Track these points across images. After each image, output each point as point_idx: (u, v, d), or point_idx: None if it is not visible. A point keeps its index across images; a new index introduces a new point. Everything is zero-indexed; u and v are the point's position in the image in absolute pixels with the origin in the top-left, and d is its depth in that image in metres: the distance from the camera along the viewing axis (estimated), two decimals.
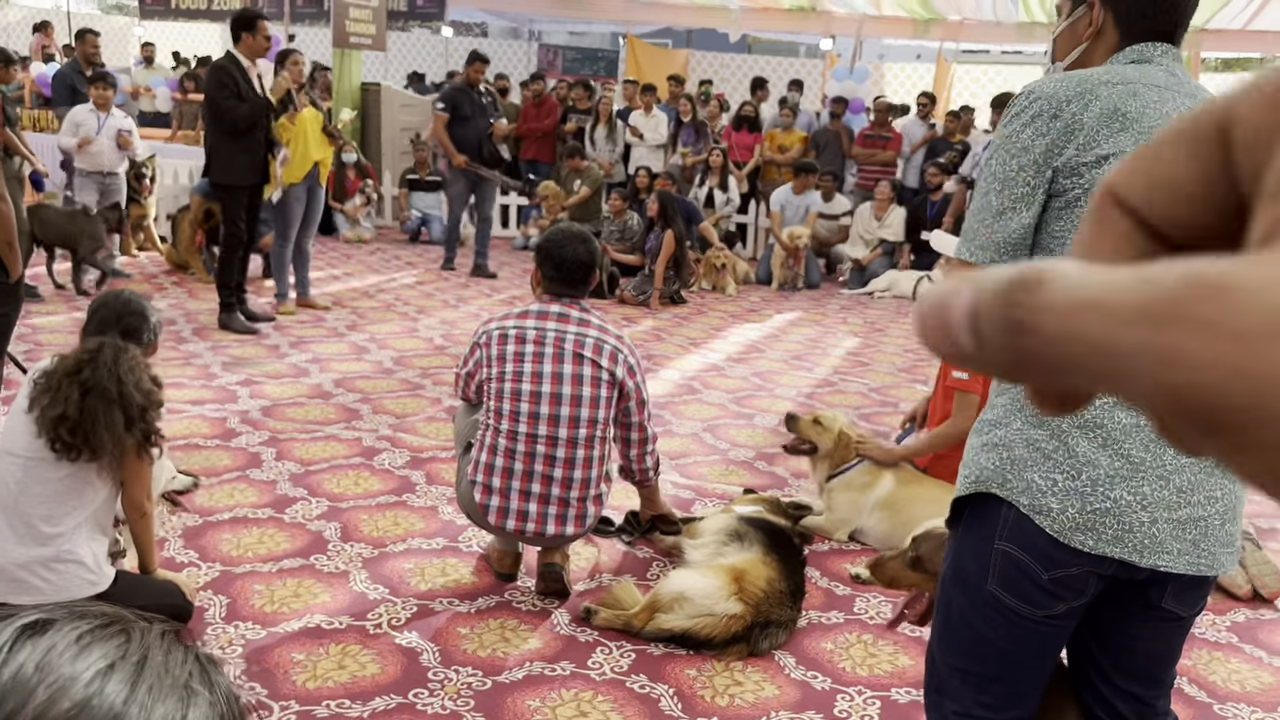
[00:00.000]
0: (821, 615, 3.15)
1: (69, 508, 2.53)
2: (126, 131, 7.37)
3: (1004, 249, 1.55)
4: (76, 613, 0.59)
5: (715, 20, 16.41)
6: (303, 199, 6.66)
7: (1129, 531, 1.51)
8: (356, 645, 2.80)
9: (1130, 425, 1.50)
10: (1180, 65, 1.62)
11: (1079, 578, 1.56)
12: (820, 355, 6.72)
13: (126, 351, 2.59)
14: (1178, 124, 0.25)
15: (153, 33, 17.23)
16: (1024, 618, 1.61)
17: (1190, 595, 1.62)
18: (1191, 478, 1.51)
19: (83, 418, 2.48)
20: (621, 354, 3.09)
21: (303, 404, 4.93)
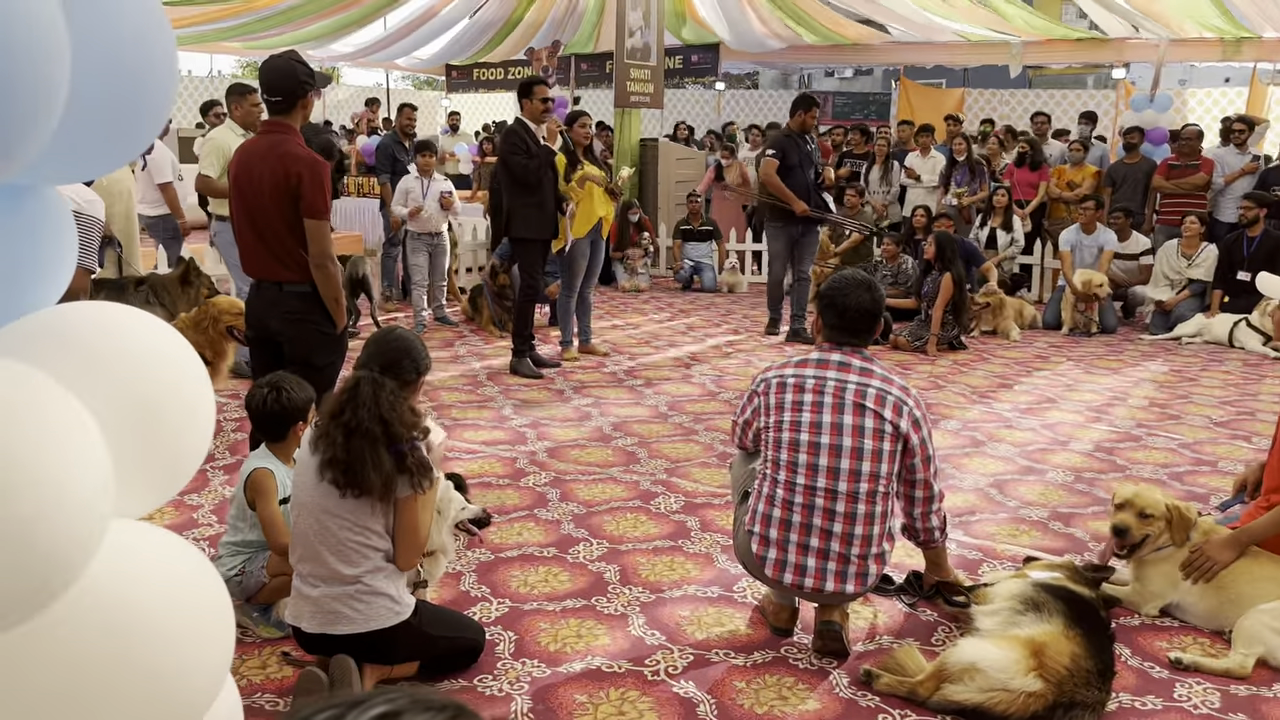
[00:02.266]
0: (1135, 699, 2.83)
1: (362, 550, 2.64)
2: (448, 193, 8.09)
3: None
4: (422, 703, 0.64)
5: (995, 56, 15.72)
6: (587, 252, 7.02)
7: None
8: (635, 691, 2.83)
9: None
10: None
11: None
12: (1120, 406, 6.15)
13: (384, 386, 2.61)
14: None
15: (458, 103, 18.92)
16: None
17: None
18: None
19: (350, 459, 2.55)
20: (906, 406, 2.96)
21: (584, 446, 5.13)
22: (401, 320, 8.66)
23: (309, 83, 3.73)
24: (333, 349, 3.92)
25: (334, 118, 18.78)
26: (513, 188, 6.57)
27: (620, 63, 10.84)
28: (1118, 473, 4.85)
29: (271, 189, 3.67)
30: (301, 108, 3.75)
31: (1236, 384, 6.85)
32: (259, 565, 3.09)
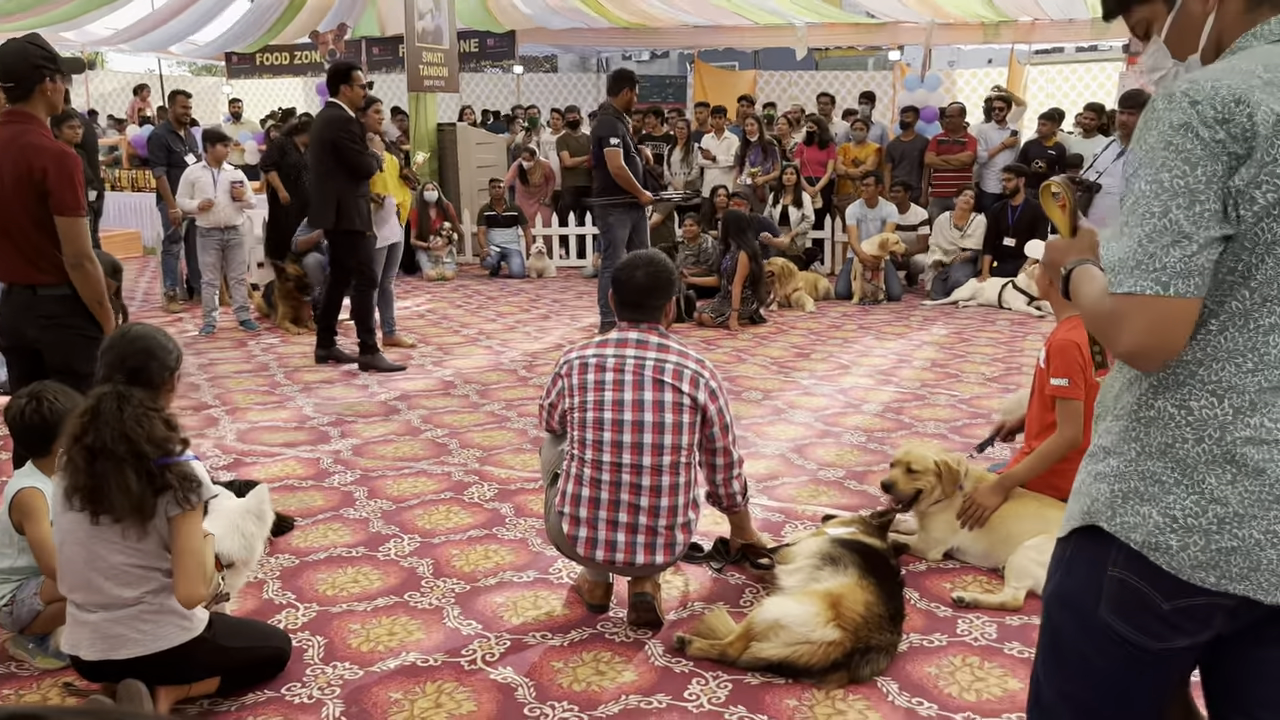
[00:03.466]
0: (923, 638, 3.05)
1: (138, 571, 2.47)
2: (239, 183, 7.64)
3: (1204, 275, 1.34)
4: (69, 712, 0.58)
5: (781, 39, 16.36)
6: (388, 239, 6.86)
7: (1256, 569, 1.39)
8: (452, 683, 2.80)
9: (1263, 460, 1.36)
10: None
11: (1202, 609, 1.44)
12: (906, 368, 6.58)
13: (129, 400, 2.41)
14: None
15: (239, 90, 17.94)
16: (1138, 648, 1.49)
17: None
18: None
19: (95, 483, 2.36)
20: (703, 378, 3.05)
21: (392, 441, 5.01)
22: (189, 322, 8.18)
23: (47, 67, 3.40)
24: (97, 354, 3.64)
25: (101, 108, 17.42)
26: (344, 178, 6.29)
27: (411, 46, 10.59)
28: (905, 430, 5.18)
29: (14, 184, 3.34)
30: (42, 94, 3.41)
31: (1005, 342, 7.45)
32: (31, 592, 2.85)
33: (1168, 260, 1.33)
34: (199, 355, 6.96)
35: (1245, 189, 1.32)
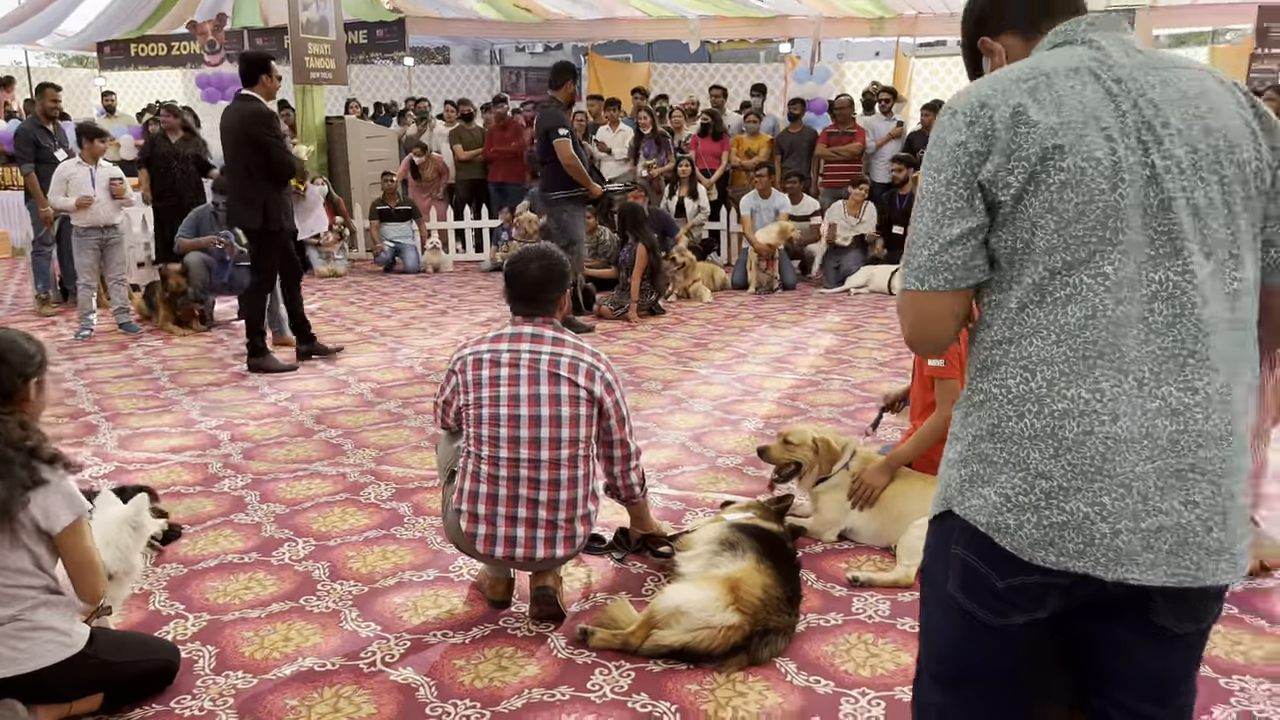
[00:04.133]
0: (820, 618, 3.12)
1: (9, 590, 2.37)
2: (118, 180, 7.29)
3: (954, 273, 1.46)
4: None
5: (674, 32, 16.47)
6: None
7: (1091, 544, 1.42)
8: (351, 686, 2.75)
9: (1082, 434, 1.40)
10: (1119, 34, 1.52)
11: (1036, 587, 1.48)
12: (802, 355, 6.71)
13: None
14: None
15: (113, 82, 17.16)
16: (982, 623, 1.56)
17: (1188, 608, 1.50)
18: (1158, 484, 1.39)
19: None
20: (598, 371, 3.06)
21: (285, 443, 4.88)
22: (64, 325, 7.81)
23: None
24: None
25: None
26: (267, 176, 6.06)
27: (296, 37, 10.29)
28: (801, 416, 5.29)
29: None
30: None
31: (895, 327, 7.62)
32: None
33: (920, 259, 1.49)
34: (75, 360, 6.65)
35: (996, 176, 1.43)
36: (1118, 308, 1.39)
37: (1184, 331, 1.39)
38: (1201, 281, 1.39)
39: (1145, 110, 1.42)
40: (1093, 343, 1.40)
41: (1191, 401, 1.39)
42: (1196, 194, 1.40)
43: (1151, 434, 1.38)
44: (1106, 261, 1.39)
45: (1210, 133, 1.42)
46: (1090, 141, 1.40)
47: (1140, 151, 1.40)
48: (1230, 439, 1.41)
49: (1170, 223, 1.39)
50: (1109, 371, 1.39)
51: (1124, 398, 1.39)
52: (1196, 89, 1.45)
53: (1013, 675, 1.62)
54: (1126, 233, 1.39)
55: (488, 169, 11.45)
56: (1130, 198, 1.39)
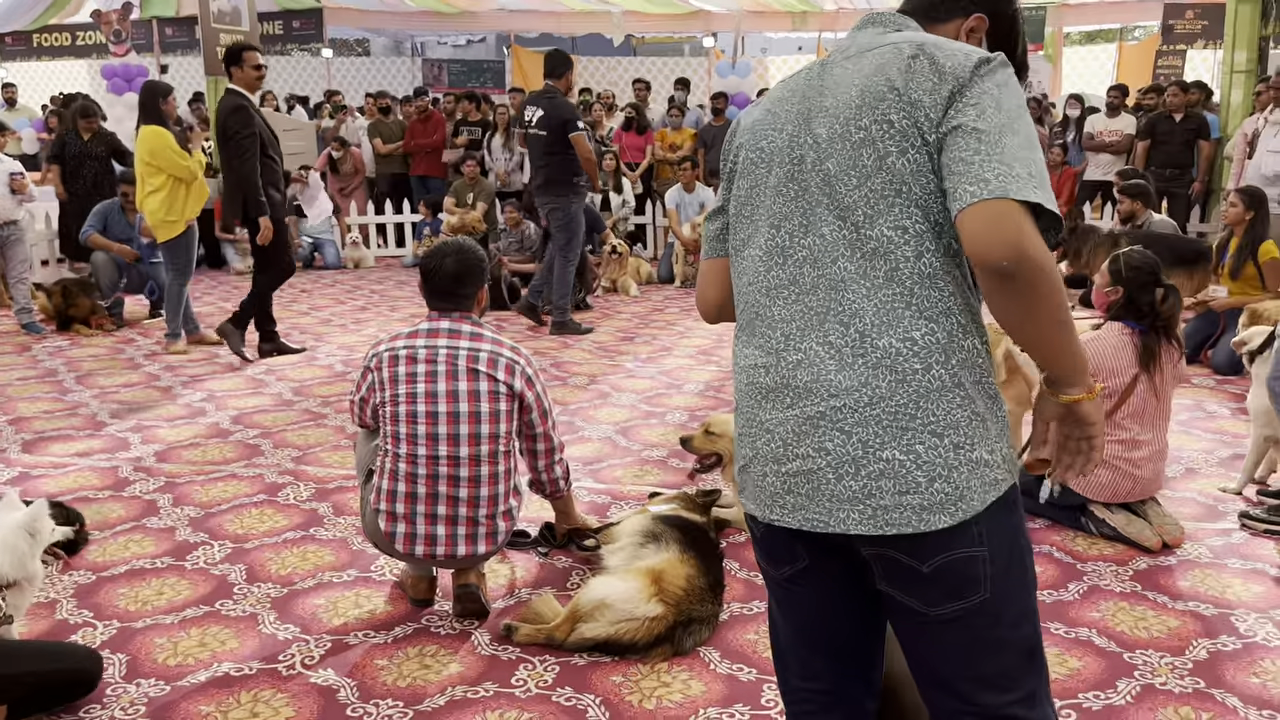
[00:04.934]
0: (743, 606, 3.16)
1: None
2: (18, 175, 7.00)
3: (709, 244, 1.75)
4: None
5: (598, 25, 16.45)
6: (197, 233, 6.54)
7: (754, 487, 1.57)
8: (269, 690, 2.70)
9: (748, 385, 1.57)
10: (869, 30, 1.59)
11: (771, 535, 1.59)
12: (726, 349, 6.76)
13: None
14: None
15: (14, 74, 16.49)
16: (770, 579, 1.68)
17: (900, 577, 1.47)
18: (795, 429, 1.48)
19: None
20: (518, 365, 3.04)
21: (200, 445, 4.75)
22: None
23: None
24: None
25: None
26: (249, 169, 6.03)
27: (207, 27, 10.02)
28: (726, 407, 5.33)
29: None
30: None
31: None
32: None
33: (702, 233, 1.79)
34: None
35: (724, 173, 1.70)
36: (769, 273, 1.54)
37: (824, 291, 1.48)
38: (832, 243, 1.47)
39: (811, 97, 1.54)
40: (753, 305, 1.57)
41: (825, 354, 1.46)
42: (828, 164, 1.48)
43: (791, 384, 1.49)
44: (760, 234, 1.56)
45: (847, 105, 1.48)
46: (761, 134, 1.58)
47: (796, 135, 1.53)
48: (868, 389, 1.43)
49: (809, 195, 1.50)
50: (763, 329, 1.54)
51: (774, 352, 1.52)
52: (871, 66, 1.48)
53: (815, 632, 1.67)
54: (774, 208, 1.54)
55: (408, 162, 11.29)
56: (779, 177, 1.54)
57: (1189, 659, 2.83)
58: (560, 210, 7.14)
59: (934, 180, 1.42)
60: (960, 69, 1.42)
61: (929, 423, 1.42)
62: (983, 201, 1.33)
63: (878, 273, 1.44)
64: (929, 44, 1.47)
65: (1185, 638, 2.94)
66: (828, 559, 1.57)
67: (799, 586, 1.63)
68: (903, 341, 1.42)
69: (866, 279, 1.45)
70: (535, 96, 7.15)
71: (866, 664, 1.70)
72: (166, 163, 6.25)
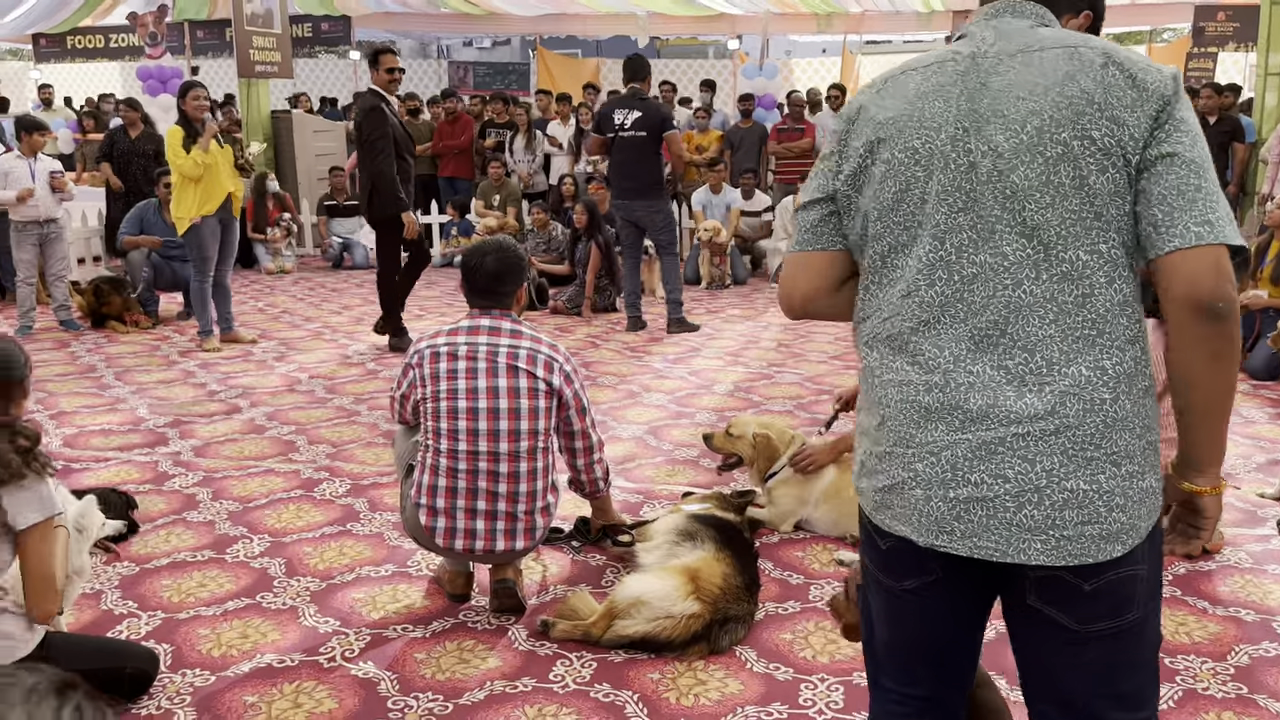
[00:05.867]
0: (778, 606, 3.17)
1: None
2: (58, 174, 7.13)
3: (805, 236, 1.62)
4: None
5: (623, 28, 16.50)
6: (217, 232, 6.56)
7: (909, 509, 1.47)
8: (311, 681, 2.73)
9: (901, 401, 1.47)
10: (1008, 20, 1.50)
11: (906, 550, 1.51)
12: (754, 350, 6.77)
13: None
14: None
15: (49, 75, 16.72)
16: (883, 586, 1.61)
17: (1057, 594, 1.44)
18: (967, 454, 1.41)
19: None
20: (556, 363, 3.07)
21: (236, 440, 4.81)
22: (2, 323, 7.60)
23: None
24: None
25: None
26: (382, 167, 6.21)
27: (240, 30, 10.13)
28: (754, 408, 5.34)
29: None
30: None
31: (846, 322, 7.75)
32: None
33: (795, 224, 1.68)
34: None
35: (837, 166, 1.58)
36: (931, 289, 1.45)
37: (998, 312, 1.40)
38: (1015, 264, 1.39)
39: (978, 99, 1.43)
40: (906, 318, 1.47)
41: (1001, 378, 1.40)
42: (1013, 177, 1.39)
43: (961, 406, 1.42)
44: (920, 245, 1.46)
45: (1037, 114, 1.38)
46: (911, 132, 1.47)
47: (961, 139, 1.43)
48: (1055, 418, 1.38)
49: (984, 208, 1.41)
50: (923, 346, 1.45)
51: (938, 371, 1.44)
52: (1054, 69, 1.39)
53: (931, 645, 1.63)
54: (939, 218, 1.44)
55: (436, 164, 11.36)
56: (943, 184, 1.43)
57: (1230, 664, 2.81)
58: (661, 213, 7.18)
59: (1128, 203, 1.36)
60: (1162, 86, 1.36)
61: (1112, 452, 1.38)
62: (1208, 245, 1.31)
63: (1067, 297, 1.37)
64: (1113, 52, 1.39)
65: (1226, 643, 2.92)
66: (964, 575, 1.51)
67: (920, 598, 1.56)
68: (1094, 370, 1.37)
69: (1054, 303, 1.38)
70: (626, 100, 7.08)
71: (968, 674, 1.69)
72: (170, 160, 6.50)
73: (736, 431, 3.82)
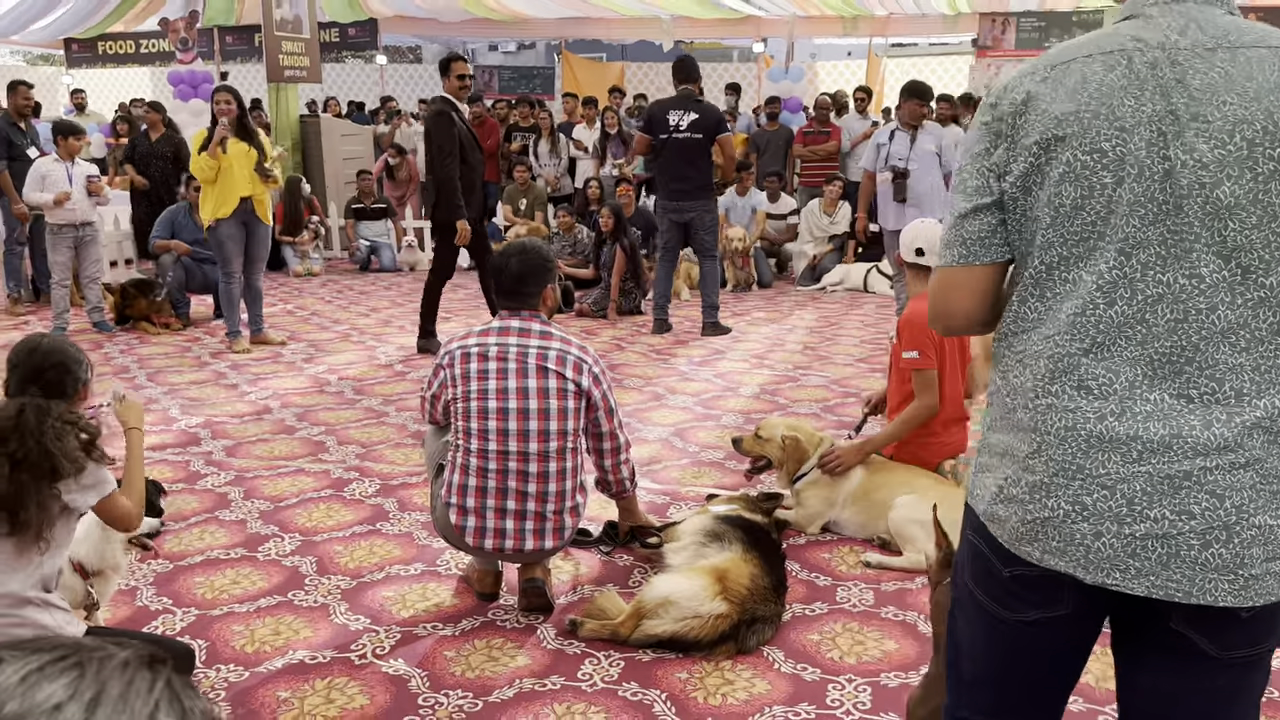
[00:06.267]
0: (805, 608, 3.17)
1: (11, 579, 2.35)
2: (95, 178, 7.25)
3: (968, 248, 1.45)
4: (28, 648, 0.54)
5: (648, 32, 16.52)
6: (237, 235, 6.62)
7: (1071, 543, 1.37)
8: (343, 678, 2.77)
9: (1065, 429, 1.36)
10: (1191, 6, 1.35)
11: (1042, 581, 1.42)
12: (780, 352, 6.77)
13: (50, 414, 2.35)
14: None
15: (80, 80, 16.96)
16: (996, 618, 1.50)
17: (1211, 621, 1.37)
18: (1146, 488, 1.32)
19: (14, 493, 2.28)
20: (585, 364, 3.09)
21: (267, 440, 4.87)
22: (37, 325, 7.73)
23: None
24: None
25: None
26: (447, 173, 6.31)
27: (270, 35, 10.24)
28: (780, 411, 5.34)
29: None
30: None
31: (872, 324, 7.75)
32: None
33: (944, 235, 1.49)
34: None
35: (1003, 164, 1.40)
36: (1110, 308, 1.32)
37: (1185, 338, 1.30)
38: (1211, 286, 1.28)
39: (1175, 98, 1.29)
40: (1080, 341, 1.35)
41: (1184, 408, 1.30)
42: (1219, 192, 1.27)
43: (1141, 437, 1.31)
44: (1101, 259, 1.33)
45: (1247, 123, 1.26)
46: (1097, 132, 1.31)
47: (1158, 144, 1.29)
48: (1243, 451, 1.29)
49: (1180, 222, 1.29)
50: (1097, 370, 1.34)
51: (1113, 398, 1.33)
52: (1262, 73, 1.28)
53: (1039, 680, 1.54)
54: (1127, 230, 1.31)
55: None
56: (1135, 193, 1.30)
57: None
58: (712, 214, 7.26)
59: None
60: None
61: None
62: None
63: (1262, 324, 1.28)
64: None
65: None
66: (1097, 610, 1.44)
67: (1037, 631, 1.47)
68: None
69: (1248, 330, 1.28)
70: (679, 101, 7.06)
71: (1061, 707, 1.60)
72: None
73: (765, 434, 3.84)
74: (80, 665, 0.54)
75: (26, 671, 0.52)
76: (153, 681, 0.54)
